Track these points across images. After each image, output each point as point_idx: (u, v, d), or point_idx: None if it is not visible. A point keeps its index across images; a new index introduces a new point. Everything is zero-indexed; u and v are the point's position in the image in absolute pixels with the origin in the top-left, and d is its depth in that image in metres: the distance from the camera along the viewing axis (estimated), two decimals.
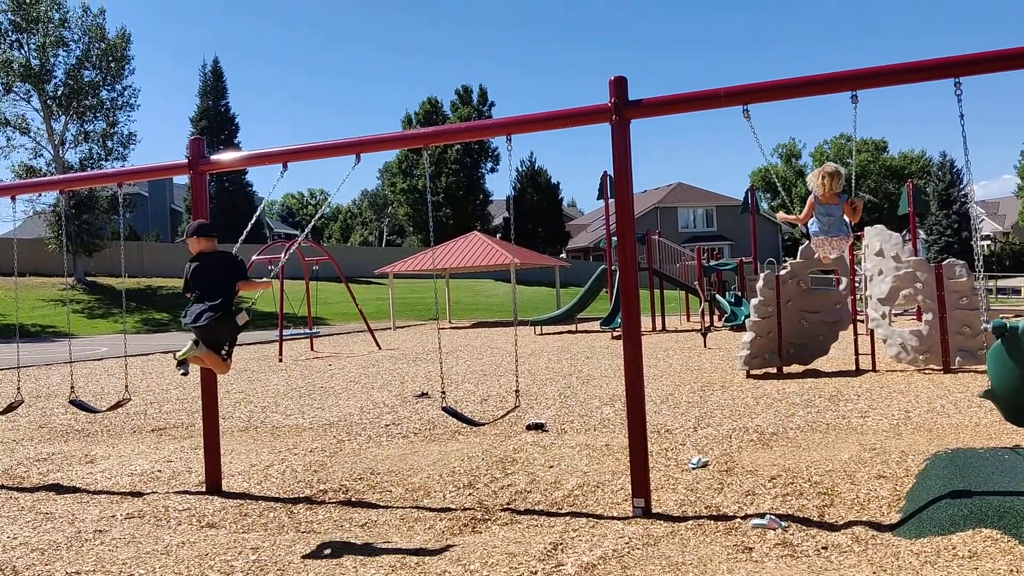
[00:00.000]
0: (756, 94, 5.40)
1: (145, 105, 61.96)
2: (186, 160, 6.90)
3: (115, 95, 42.64)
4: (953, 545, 4.49)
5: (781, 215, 6.85)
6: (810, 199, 6.19)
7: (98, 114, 42.01)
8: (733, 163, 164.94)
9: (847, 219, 6.08)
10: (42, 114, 41.13)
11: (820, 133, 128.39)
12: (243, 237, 7.21)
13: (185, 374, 5.63)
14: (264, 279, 5.67)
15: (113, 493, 6.76)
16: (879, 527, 5.02)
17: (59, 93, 40.77)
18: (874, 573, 4.25)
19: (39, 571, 4.68)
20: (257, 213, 7.97)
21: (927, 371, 12.08)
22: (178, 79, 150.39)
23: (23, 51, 40.16)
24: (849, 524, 5.11)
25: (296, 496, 6.46)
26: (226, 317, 5.34)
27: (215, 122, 55.86)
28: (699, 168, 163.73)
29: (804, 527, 5.08)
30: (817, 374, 12.38)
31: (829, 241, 6.11)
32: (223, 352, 5.43)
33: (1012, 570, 4.13)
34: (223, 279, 5.41)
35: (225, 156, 7.14)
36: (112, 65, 41.95)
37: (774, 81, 5.43)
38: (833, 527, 5.07)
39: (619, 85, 5.62)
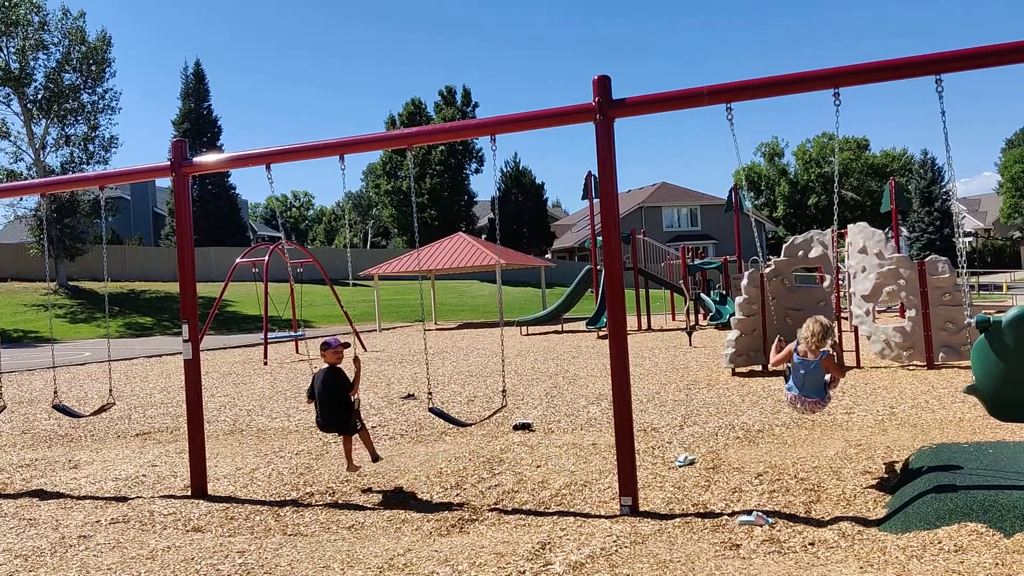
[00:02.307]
0: (739, 92, 5.42)
1: (127, 109, 62.11)
2: (168, 162, 6.85)
3: (96, 98, 42.34)
4: (939, 539, 4.52)
5: (772, 358, 6.36)
6: (790, 346, 6.01)
7: (79, 117, 41.69)
8: (717, 163, 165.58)
9: (826, 377, 5.79)
10: (22, 118, 40.81)
11: (803, 132, 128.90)
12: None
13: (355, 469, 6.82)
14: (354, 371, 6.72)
15: (97, 498, 6.71)
16: (865, 522, 5.05)
17: (39, 96, 40.45)
18: (861, 568, 4.26)
19: None
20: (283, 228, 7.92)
21: (911, 367, 12.16)
22: (160, 83, 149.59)
23: (2, 54, 39.85)
24: (836, 520, 5.13)
25: (282, 499, 6.42)
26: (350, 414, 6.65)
27: (197, 124, 55.53)
28: (683, 168, 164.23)
29: (791, 523, 5.10)
30: None
31: (800, 400, 5.83)
32: (358, 427, 6.70)
33: (997, 563, 4.15)
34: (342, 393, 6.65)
35: (208, 158, 7.10)
36: (93, 68, 41.64)
37: (757, 79, 5.45)
38: (820, 523, 5.09)
39: (603, 84, 5.62)
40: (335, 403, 6.57)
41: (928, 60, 5.00)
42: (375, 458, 6.86)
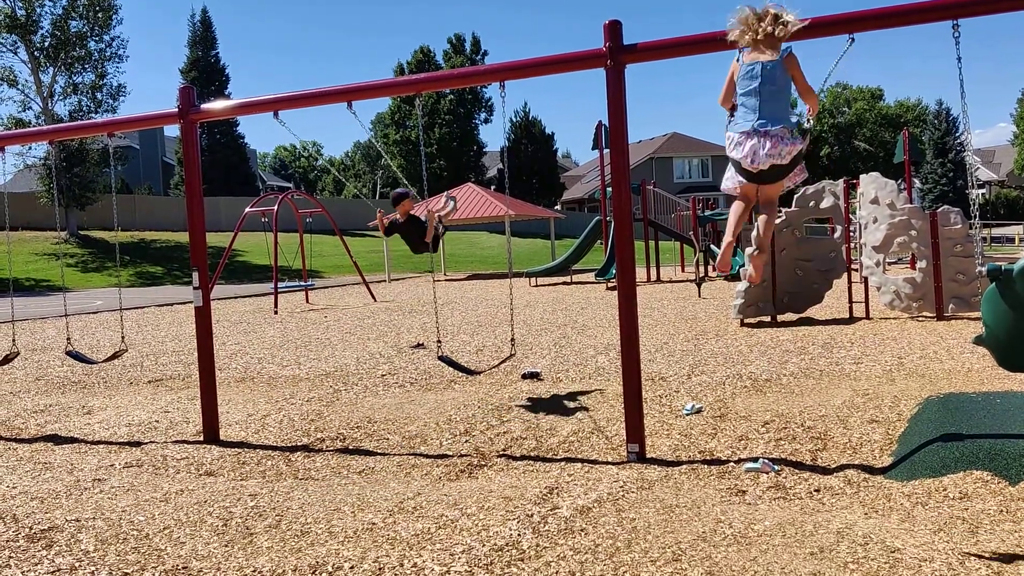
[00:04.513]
0: None
1: (134, 57, 61.66)
2: (176, 109, 6.82)
3: (103, 46, 42.01)
4: (944, 487, 4.55)
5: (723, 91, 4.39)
6: (732, 65, 4.09)
7: (86, 65, 41.39)
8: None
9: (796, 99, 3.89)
10: (30, 66, 40.55)
11: (815, 80, 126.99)
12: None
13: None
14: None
15: (111, 443, 6.80)
16: (871, 470, 5.08)
17: (46, 44, 40.14)
18: (866, 514, 4.30)
19: (39, 519, 4.72)
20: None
21: (920, 318, 12.14)
22: (168, 31, 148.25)
23: (8, 1, 39.48)
24: (842, 467, 5.17)
25: (294, 444, 6.50)
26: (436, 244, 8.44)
27: (205, 73, 55.18)
28: (695, 118, 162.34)
29: (797, 470, 5.14)
30: (811, 322, 12.44)
31: (755, 137, 3.89)
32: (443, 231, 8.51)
33: (1002, 510, 4.19)
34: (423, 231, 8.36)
35: (216, 105, 7.06)
36: (99, 15, 41.23)
37: None
38: (826, 470, 5.13)
39: (614, 29, 5.54)
40: (420, 240, 8.36)
41: (946, 4, 4.91)
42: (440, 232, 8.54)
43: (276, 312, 19.11)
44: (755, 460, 5.32)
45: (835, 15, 5.16)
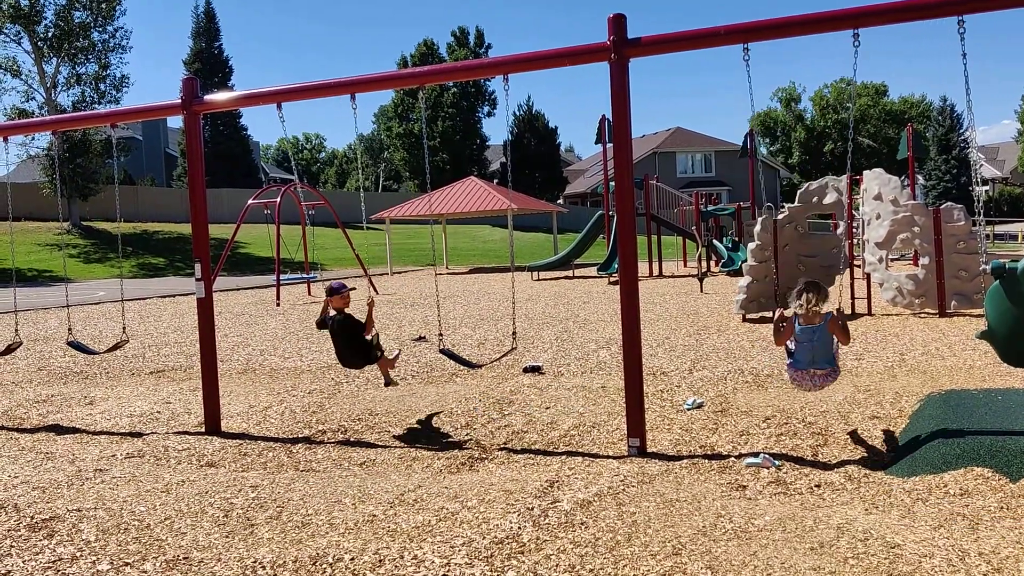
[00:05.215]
0: (756, 32, 5.32)
1: (137, 49, 61.56)
2: (180, 100, 6.81)
3: (106, 36, 41.95)
4: (945, 483, 4.55)
5: (777, 338, 5.74)
6: (789, 321, 5.58)
7: (90, 56, 41.32)
8: (733, 107, 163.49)
9: (835, 343, 5.46)
10: (33, 56, 40.50)
11: (820, 77, 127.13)
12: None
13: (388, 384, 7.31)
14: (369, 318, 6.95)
15: (113, 434, 6.82)
16: (872, 466, 5.09)
17: (50, 34, 40.08)
18: (866, 510, 4.30)
19: (41, 508, 4.73)
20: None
21: (922, 315, 12.13)
22: (171, 22, 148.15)
23: None
24: (842, 463, 5.17)
25: (295, 436, 6.51)
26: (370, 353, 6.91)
27: (208, 64, 55.12)
28: (698, 113, 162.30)
29: (798, 466, 5.14)
30: None
31: (810, 375, 5.46)
32: (379, 355, 6.92)
33: (1002, 507, 4.19)
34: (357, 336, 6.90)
35: (219, 96, 7.06)
36: (102, 6, 41.16)
37: (775, 19, 5.36)
38: (826, 466, 5.13)
39: (618, 23, 5.54)
40: (351, 346, 6.84)
41: (951, 0, 4.89)
42: (388, 383, 7.23)
43: (278, 304, 19.11)
44: (756, 455, 5.32)
45: (840, 10, 5.16)
